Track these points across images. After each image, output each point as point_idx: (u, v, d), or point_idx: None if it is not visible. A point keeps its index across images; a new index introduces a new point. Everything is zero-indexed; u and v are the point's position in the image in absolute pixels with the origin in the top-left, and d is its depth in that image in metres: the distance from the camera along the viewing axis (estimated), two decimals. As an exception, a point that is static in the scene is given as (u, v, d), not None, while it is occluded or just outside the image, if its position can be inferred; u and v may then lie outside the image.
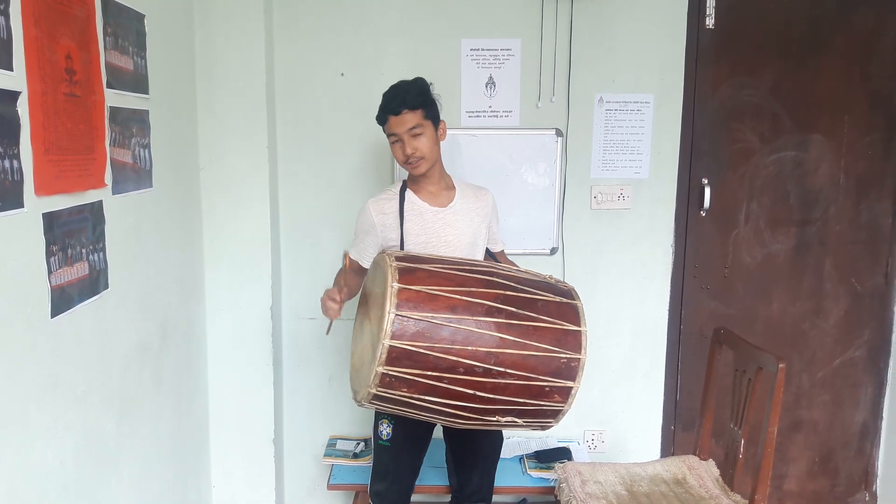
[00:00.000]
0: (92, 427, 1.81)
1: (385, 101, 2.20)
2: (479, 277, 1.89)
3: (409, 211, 2.24)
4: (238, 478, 2.89)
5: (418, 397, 1.82)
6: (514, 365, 1.81)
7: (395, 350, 1.75)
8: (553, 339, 1.86)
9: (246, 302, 2.79)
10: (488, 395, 1.82)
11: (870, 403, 3.22)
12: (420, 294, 1.79)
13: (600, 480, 2.41)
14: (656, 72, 2.90)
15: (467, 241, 2.27)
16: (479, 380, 1.80)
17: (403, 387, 1.80)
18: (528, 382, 1.84)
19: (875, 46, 2.97)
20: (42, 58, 1.52)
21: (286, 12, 2.81)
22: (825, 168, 3.03)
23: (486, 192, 2.40)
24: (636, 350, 3.09)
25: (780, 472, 3.23)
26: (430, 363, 1.77)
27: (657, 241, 3.02)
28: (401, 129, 2.16)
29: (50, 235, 1.57)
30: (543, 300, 1.91)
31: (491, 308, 1.83)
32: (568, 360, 1.87)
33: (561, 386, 1.88)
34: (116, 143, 1.93)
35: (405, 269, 1.84)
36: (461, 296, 1.82)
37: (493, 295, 1.85)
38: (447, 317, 1.78)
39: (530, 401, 1.87)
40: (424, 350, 1.76)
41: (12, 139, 1.43)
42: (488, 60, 2.86)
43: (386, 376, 1.78)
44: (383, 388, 1.80)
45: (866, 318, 3.15)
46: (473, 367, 1.79)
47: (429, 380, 1.79)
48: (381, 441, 2.32)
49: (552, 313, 1.89)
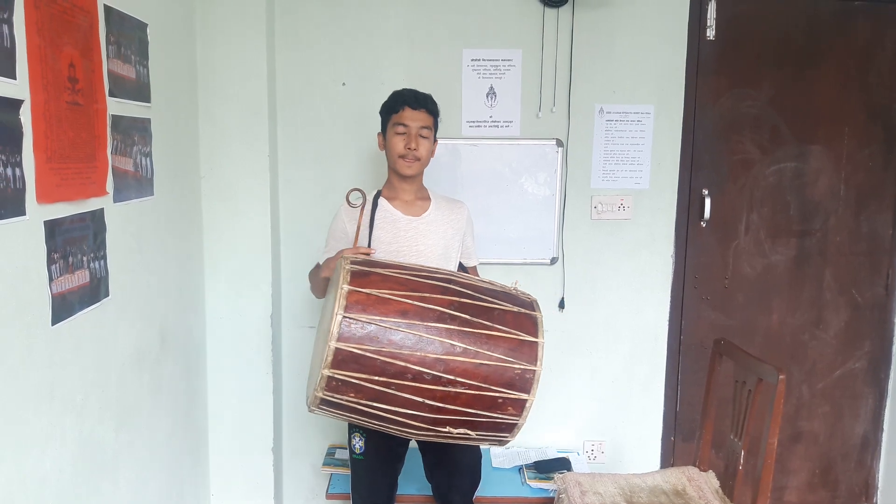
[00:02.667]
0: (90, 434, 1.81)
1: (403, 95, 2.22)
2: (434, 284, 1.85)
3: (381, 219, 2.23)
4: (237, 486, 2.88)
5: (366, 403, 1.78)
6: (464, 373, 1.77)
7: (342, 352, 1.72)
8: (507, 349, 1.81)
9: (246, 310, 2.79)
10: (438, 404, 1.78)
11: (870, 415, 3.21)
12: (371, 297, 1.76)
13: (600, 491, 2.41)
14: (657, 82, 2.91)
15: (439, 252, 2.26)
16: (428, 387, 1.75)
17: (351, 392, 1.76)
18: (479, 392, 1.79)
19: (873, 58, 2.98)
20: (45, 66, 1.53)
21: (287, 21, 2.82)
22: (825, 179, 3.04)
23: (461, 205, 2.40)
24: (636, 360, 3.09)
25: (780, 484, 3.22)
26: (377, 367, 1.73)
27: (657, 251, 3.02)
28: (414, 123, 2.18)
29: (51, 243, 1.57)
30: (500, 309, 1.87)
31: (443, 314, 1.79)
32: (522, 371, 1.81)
33: (515, 398, 1.82)
34: (118, 151, 1.93)
35: (359, 272, 1.81)
36: (413, 300, 1.78)
37: (447, 301, 1.81)
38: (396, 321, 1.75)
39: (483, 412, 1.82)
40: (371, 354, 1.72)
41: (14, 147, 1.43)
42: (489, 71, 2.87)
43: (332, 380, 1.74)
44: (330, 393, 1.77)
45: (867, 330, 3.15)
46: (422, 373, 1.74)
47: (376, 385, 1.74)
48: (355, 455, 2.31)
49: (508, 323, 1.84)
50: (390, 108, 2.23)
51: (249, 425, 2.85)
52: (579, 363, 3.07)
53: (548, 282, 3.00)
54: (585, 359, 3.07)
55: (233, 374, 2.82)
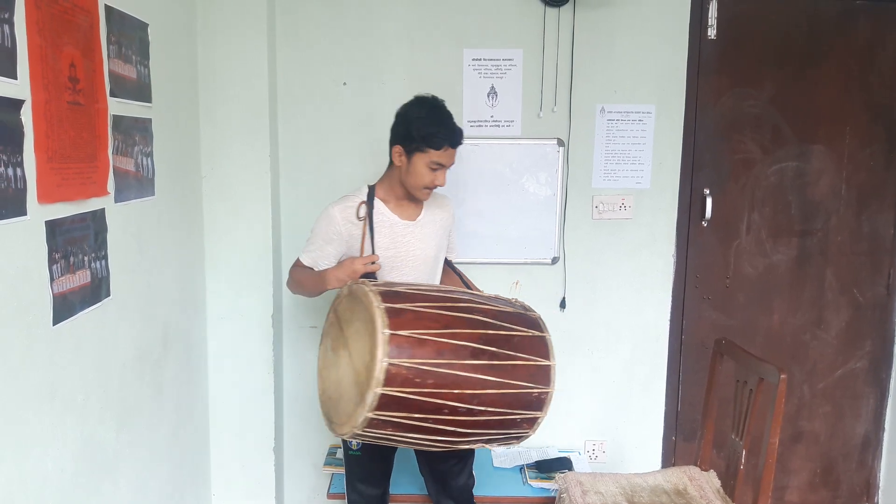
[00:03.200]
0: (91, 435, 1.81)
1: (447, 132, 2.12)
2: (462, 317, 1.90)
3: (378, 223, 2.21)
4: (238, 486, 2.88)
5: (401, 435, 1.87)
6: (492, 403, 1.86)
7: (386, 397, 1.77)
8: (527, 375, 1.91)
9: (247, 310, 2.79)
10: (466, 431, 1.88)
11: (871, 415, 3.21)
12: (410, 339, 1.80)
13: (601, 491, 2.41)
14: (658, 82, 2.91)
15: (432, 254, 2.28)
16: (461, 418, 1.85)
17: (388, 427, 1.83)
18: (503, 417, 1.90)
19: (875, 57, 2.98)
20: (46, 66, 1.53)
21: (288, 21, 2.82)
22: (826, 179, 3.04)
23: (447, 200, 2.40)
24: (637, 360, 3.09)
25: (781, 484, 3.22)
26: (416, 406, 1.80)
27: (658, 251, 3.02)
28: (450, 162, 2.17)
29: (52, 243, 1.57)
30: (519, 336, 1.95)
31: (475, 350, 1.85)
32: (539, 393, 1.93)
33: (530, 417, 1.95)
34: (119, 151, 1.93)
35: (392, 310, 1.82)
36: (447, 339, 1.84)
37: (476, 336, 1.87)
38: (436, 362, 1.80)
39: (502, 430, 1.95)
40: (413, 395, 1.78)
41: (16, 147, 1.43)
42: (490, 70, 2.87)
43: (374, 420, 1.80)
44: (369, 429, 1.84)
45: (868, 330, 3.15)
46: (457, 407, 1.82)
47: (414, 421, 1.82)
48: (352, 451, 2.33)
49: (526, 349, 1.93)
50: (429, 141, 2.10)
51: (250, 425, 2.85)
52: (580, 363, 3.06)
53: (549, 281, 3.00)
54: (586, 358, 3.07)
55: (234, 374, 2.82)
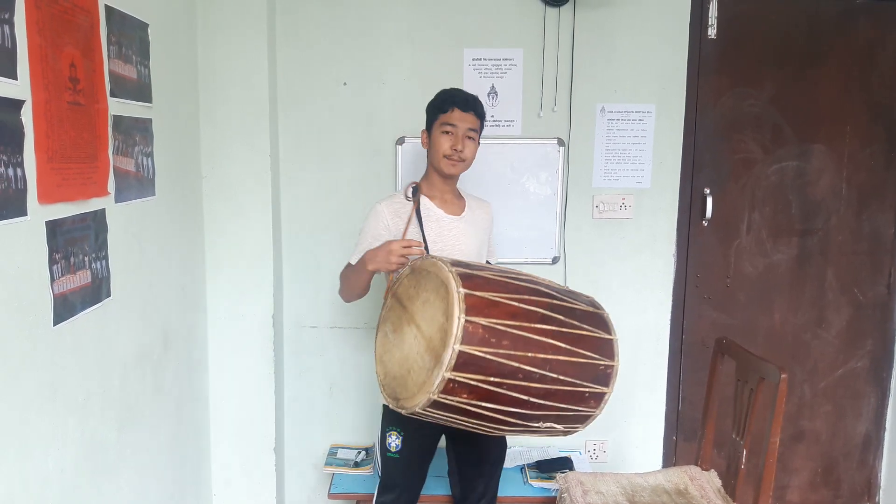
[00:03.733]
0: (92, 435, 1.81)
1: (453, 95, 2.23)
2: (526, 286, 1.93)
3: (426, 217, 2.24)
4: (239, 486, 2.88)
5: (476, 403, 1.82)
6: (564, 371, 1.85)
7: (464, 355, 1.74)
8: (594, 347, 1.92)
9: (247, 310, 2.79)
10: (540, 401, 1.85)
11: (872, 414, 3.21)
12: (483, 300, 1.80)
13: (602, 490, 2.41)
14: (658, 82, 2.91)
15: (475, 251, 2.30)
16: (536, 385, 1.83)
17: (464, 392, 1.79)
18: (573, 388, 1.88)
19: (875, 57, 2.97)
20: (46, 66, 1.53)
21: (288, 22, 2.82)
22: (827, 178, 3.04)
23: (488, 204, 2.46)
24: (638, 360, 3.09)
25: (782, 483, 3.22)
26: (493, 369, 1.78)
27: (659, 250, 3.02)
28: (463, 124, 2.19)
29: (53, 243, 1.57)
30: (581, 310, 1.96)
31: (545, 316, 1.86)
32: (605, 366, 1.93)
33: (597, 391, 1.93)
34: (119, 151, 1.93)
35: (465, 274, 1.84)
36: (518, 303, 1.85)
37: (543, 303, 1.88)
38: (510, 323, 1.80)
39: (572, 406, 1.91)
40: (490, 356, 1.77)
41: (16, 147, 1.43)
42: (490, 70, 2.87)
43: (451, 382, 1.76)
44: (445, 395, 1.79)
45: (869, 329, 3.15)
46: (532, 372, 1.81)
47: (490, 385, 1.79)
48: (390, 453, 2.28)
49: (589, 321, 1.94)
50: (438, 107, 2.22)
51: (251, 425, 2.85)
52: (581, 363, 3.06)
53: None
54: (587, 358, 3.07)
55: (235, 374, 2.82)
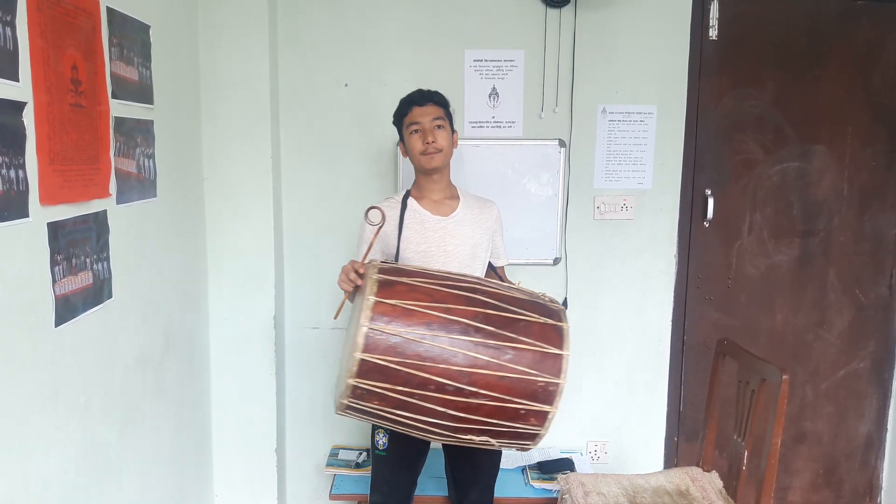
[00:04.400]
0: (94, 436, 1.81)
1: (408, 97, 2.26)
2: (460, 294, 1.86)
3: (409, 219, 2.24)
4: (240, 487, 2.88)
5: (390, 411, 1.82)
6: (487, 386, 1.78)
7: (367, 363, 1.75)
8: (531, 362, 1.81)
9: (249, 311, 2.79)
10: (460, 414, 1.80)
11: (874, 415, 3.21)
12: (396, 308, 1.78)
13: (603, 492, 2.41)
14: (659, 83, 2.91)
15: (466, 252, 2.26)
16: (451, 398, 1.78)
17: (375, 400, 1.80)
18: (501, 404, 1.80)
19: (877, 58, 2.97)
20: (48, 69, 1.53)
21: (290, 23, 2.82)
22: (828, 179, 3.03)
23: (491, 204, 2.39)
24: (639, 361, 3.09)
25: (783, 484, 3.21)
26: (400, 378, 1.76)
27: (660, 251, 3.02)
28: (425, 118, 2.20)
29: (54, 245, 1.57)
30: (526, 321, 1.85)
31: (468, 326, 1.80)
32: (546, 384, 1.80)
33: (537, 409, 1.82)
34: (121, 153, 1.94)
35: (385, 281, 1.83)
36: (438, 312, 1.80)
37: (472, 313, 1.82)
38: (421, 333, 1.77)
39: (505, 422, 1.83)
40: (395, 365, 1.75)
41: (18, 149, 1.44)
42: (491, 71, 2.87)
43: (357, 388, 1.78)
44: (355, 400, 1.81)
45: (870, 330, 3.15)
46: (444, 385, 1.77)
47: (400, 395, 1.78)
48: (378, 451, 2.32)
49: (533, 335, 1.83)
50: (401, 113, 2.26)
51: (253, 426, 2.85)
52: (582, 363, 3.06)
53: (551, 282, 2.99)
54: (589, 359, 3.07)
55: (236, 375, 2.82)
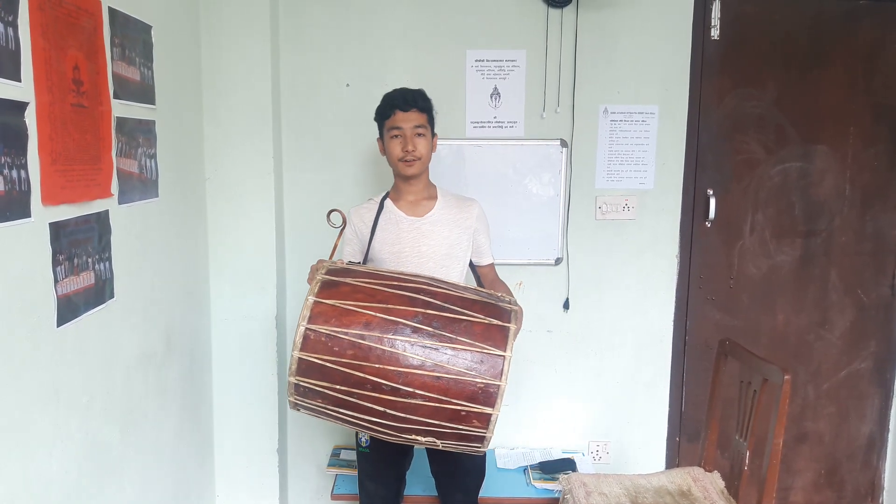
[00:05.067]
0: (95, 436, 1.81)
1: (392, 98, 2.22)
2: (403, 294, 1.86)
3: (384, 220, 2.25)
4: (242, 487, 2.88)
5: (334, 409, 1.85)
6: (423, 386, 1.78)
7: (304, 362, 1.78)
8: (470, 363, 1.79)
9: (251, 311, 2.80)
10: (399, 414, 1.81)
11: (876, 415, 3.20)
12: (335, 309, 1.80)
13: (605, 492, 2.40)
14: (661, 83, 2.91)
15: (442, 252, 2.24)
16: (388, 398, 1.79)
17: (318, 398, 1.83)
18: (439, 405, 1.79)
19: (879, 58, 2.97)
20: (50, 69, 1.53)
21: (291, 23, 2.82)
22: (830, 179, 3.03)
23: (472, 203, 2.36)
24: (641, 361, 3.08)
25: (785, 485, 3.21)
26: (337, 377, 1.78)
27: (662, 251, 3.02)
28: (407, 124, 2.19)
29: (56, 245, 1.58)
30: (468, 321, 1.83)
31: (405, 326, 1.80)
32: (485, 385, 1.78)
33: (478, 412, 1.80)
34: (123, 153, 1.94)
35: (328, 282, 1.86)
36: (377, 312, 1.81)
37: (411, 313, 1.82)
38: (358, 332, 1.78)
39: (446, 423, 1.82)
40: (332, 364, 1.77)
41: (20, 149, 1.44)
42: (493, 71, 2.87)
43: (299, 386, 1.82)
44: (300, 398, 1.85)
45: (872, 330, 3.14)
46: (380, 384, 1.78)
47: (339, 394, 1.80)
48: (361, 448, 2.33)
49: (475, 336, 1.81)
50: (382, 113, 2.24)
51: (255, 426, 2.85)
52: (584, 364, 3.06)
53: (552, 282, 3.00)
54: (590, 359, 3.07)
55: (238, 376, 2.83)
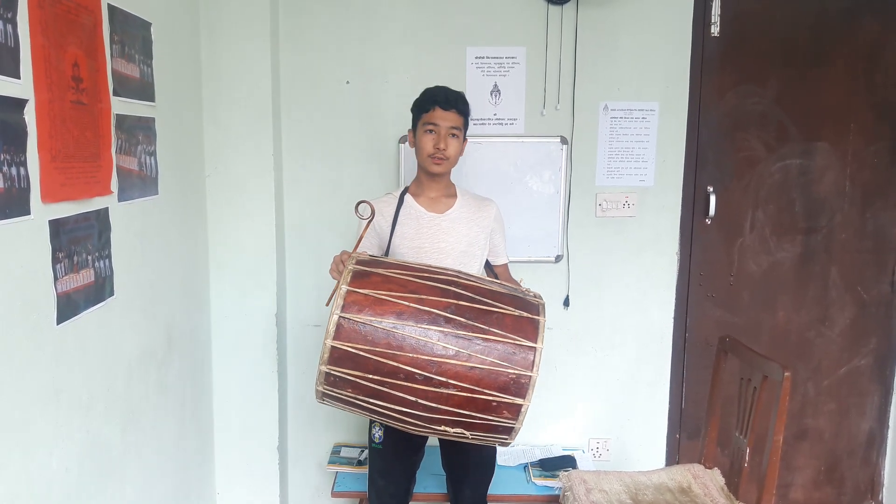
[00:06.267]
0: (96, 434, 1.81)
1: (434, 94, 2.22)
2: (434, 286, 1.87)
3: (404, 215, 2.26)
4: (242, 485, 2.88)
5: (364, 399, 1.84)
6: (456, 376, 1.79)
7: (337, 351, 1.78)
8: (502, 354, 1.81)
9: (251, 309, 2.79)
10: (431, 404, 1.81)
11: (876, 412, 3.21)
12: (368, 298, 1.81)
13: (605, 489, 2.41)
14: (661, 80, 2.90)
15: (461, 249, 2.26)
16: (420, 387, 1.79)
17: (348, 388, 1.83)
18: (471, 395, 1.80)
19: (880, 56, 2.96)
20: (49, 66, 1.53)
21: (291, 21, 2.82)
22: (831, 176, 3.03)
23: (490, 203, 2.38)
24: (641, 358, 3.08)
25: (785, 481, 3.21)
26: (370, 366, 1.79)
27: (662, 249, 3.02)
28: (444, 122, 2.19)
29: (56, 242, 1.57)
30: (500, 313, 1.85)
31: (438, 317, 1.81)
32: (517, 375, 1.80)
33: (509, 402, 1.81)
34: (122, 150, 1.93)
35: (360, 272, 1.86)
36: (410, 302, 1.82)
37: (444, 304, 1.83)
38: (392, 322, 1.79)
39: (477, 414, 1.83)
40: (365, 353, 1.78)
41: (19, 147, 1.43)
42: (493, 68, 2.87)
43: (330, 376, 1.81)
44: (329, 388, 1.84)
45: (872, 327, 3.14)
46: (414, 374, 1.78)
47: (371, 383, 1.80)
48: (374, 444, 2.33)
49: (506, 327, 1.83)
50: (421, 106, 2.23)
51: (255, 424, 2.85)
52: (584, 361, 3.06)
53: (552, 280, 2.99)
54: (590, 356, 3.07)
55: (238, 373, 2.82)
